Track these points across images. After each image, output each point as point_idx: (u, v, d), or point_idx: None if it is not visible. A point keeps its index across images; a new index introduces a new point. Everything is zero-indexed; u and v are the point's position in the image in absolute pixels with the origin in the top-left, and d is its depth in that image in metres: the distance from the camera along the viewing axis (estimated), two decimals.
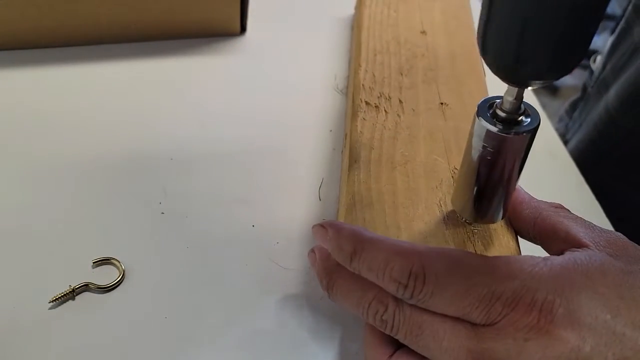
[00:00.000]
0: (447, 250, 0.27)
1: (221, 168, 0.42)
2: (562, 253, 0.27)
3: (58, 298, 0.32)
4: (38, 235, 0.36)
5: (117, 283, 0.33)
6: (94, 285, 0.33)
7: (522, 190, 0.32)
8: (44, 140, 0.42)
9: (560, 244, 0.29)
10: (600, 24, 0.23)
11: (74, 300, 0.33)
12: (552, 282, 0.25)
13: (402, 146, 0.37)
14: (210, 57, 0.53)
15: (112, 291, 0.33)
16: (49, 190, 0.39)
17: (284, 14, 0.60)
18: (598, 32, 0.23)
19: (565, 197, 0.33)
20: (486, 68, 0.27)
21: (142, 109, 0.46)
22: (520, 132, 0.27)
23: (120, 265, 0.34)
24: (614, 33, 0.58)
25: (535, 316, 0.24)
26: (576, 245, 0.28)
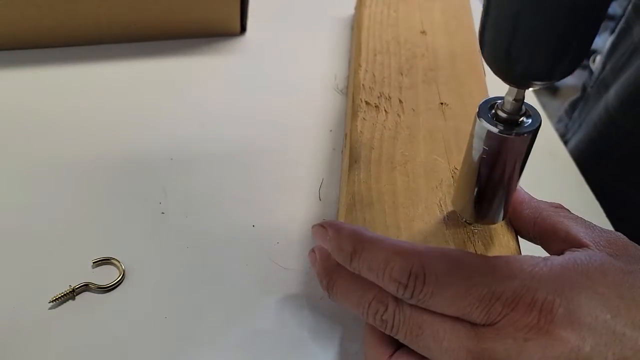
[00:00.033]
0: (447, 250, 0.27)
1: (221, 168, 0.42)
2: (562, 253, 0.27)
3: (58, 298, 0.32)
4: (38, 235, 0.36)
5: (117, 283, 0.33)
6: (94, 285, 0.33)
7: (522, 190, 0.32)
8: (44, 140, 0.42)
9: (560, 243, 0.29)
10: None
11: (74, 300, 0.33)
12: (552, 282, 0.25)
13: (402, 146, 0.37)
14: (210, 57, 0.53)
15: (112, 291, 0.33)
16: (49, 190, 0.39)
17: (284, 14, 0.60)
18: (597, 32, 0.23)
19: (565, 197, 0.33)
20: (486, 68, 0.27)
21: (142, 109, 0.46)
22: (521, 133, 0.27)
23: (120, 265, 0.34)
24: (613, 33, 0.58)
25: (535, 316, 0.24)
26: (576, 245, 0.28)
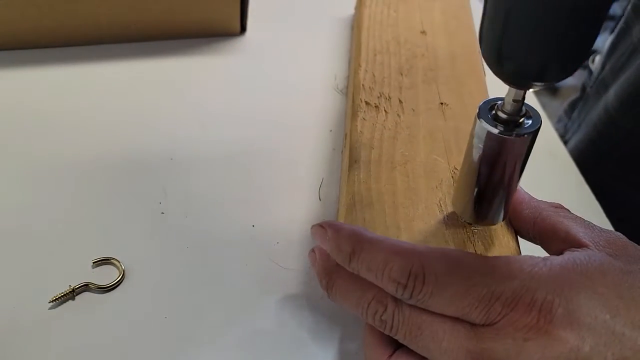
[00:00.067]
0: (447, 250, 0.27)
1: (221, 168, 0.42)
2: (562, 253, 0.28)
3: (58, 298, 0.32)
4: (38, 235, 0.36)
5: (117, 283, 0.33)
6: (94, 285, 0.33)
7: (522, 190, 0.32)
8: (44, 140, 0.42)
9: (560, 243, 0.29)
10: None
11: (74, 300, 0.33)
12: (552, 282, 0.25)
13: (402, 146, 0.37)
14: (210, 57, 0.53)
15: (112, 291, 0.33)
16: (49, 190, 0.39)
17: (284, 14, 0.60)
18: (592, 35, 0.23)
19: (565, 197, 0.33)
20: (486, 68, 0.27)
21: (142, 109, 0.46)
22: (522, 134, 0.27)
23: (120, 265, 0.34)
24: (613, 33, 0.58)
25: (534, 316, 0.24)
26: (576, 245, 0.28)
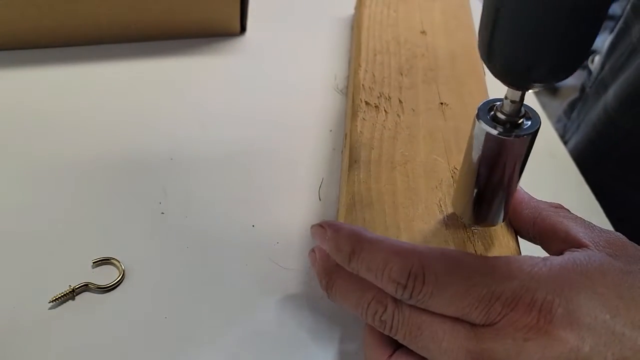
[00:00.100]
0: (447, 250, 0.27)
1: (221, 168, 0.42)
2: (562, 253, 0.28)
3: (58, 298, 0.32)
4: (38, 235, 0.36)
5: (117, 283, 0.33)
6: (94, 285, 0.33)
7: (522, 190, 0.32)
8: (44, 140, 0.42)
9: (560, 244, 0.29)
10: None
11: (73, 300, 0.33)
12: (552, 282, 0.25)
13: (402, 146, 0.37)
14: (210, 57, 0.53)
15: (112, 291, 0.33)
16: (49, 190, 0.39)
17: (284, 14, 0.60)
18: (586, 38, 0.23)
19: (565, 197, 0.33)
20: (486, 68, 0.27)
21: (142, 109, 0.46)
22: (521, 135, 0.27)
23: (120, 265, 0.34)
24: (612, 33, 0.58)
25: (534, 316, 0.24)
26: (576, 245, 0.28)
